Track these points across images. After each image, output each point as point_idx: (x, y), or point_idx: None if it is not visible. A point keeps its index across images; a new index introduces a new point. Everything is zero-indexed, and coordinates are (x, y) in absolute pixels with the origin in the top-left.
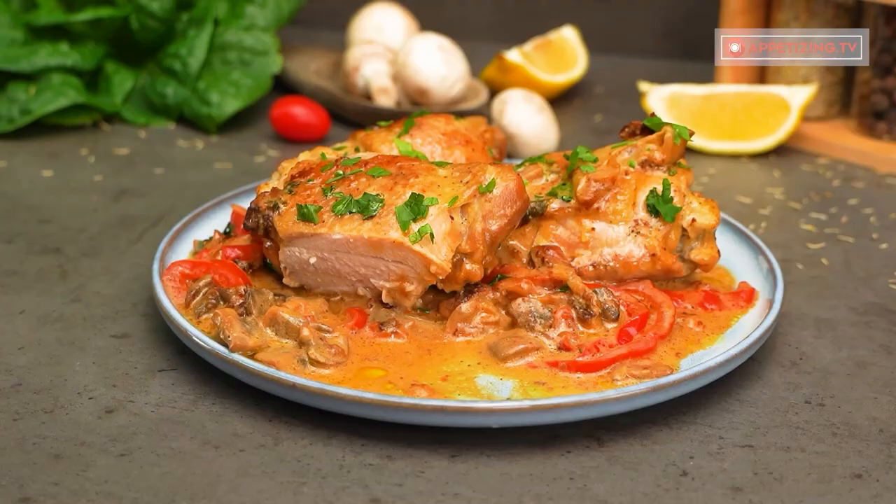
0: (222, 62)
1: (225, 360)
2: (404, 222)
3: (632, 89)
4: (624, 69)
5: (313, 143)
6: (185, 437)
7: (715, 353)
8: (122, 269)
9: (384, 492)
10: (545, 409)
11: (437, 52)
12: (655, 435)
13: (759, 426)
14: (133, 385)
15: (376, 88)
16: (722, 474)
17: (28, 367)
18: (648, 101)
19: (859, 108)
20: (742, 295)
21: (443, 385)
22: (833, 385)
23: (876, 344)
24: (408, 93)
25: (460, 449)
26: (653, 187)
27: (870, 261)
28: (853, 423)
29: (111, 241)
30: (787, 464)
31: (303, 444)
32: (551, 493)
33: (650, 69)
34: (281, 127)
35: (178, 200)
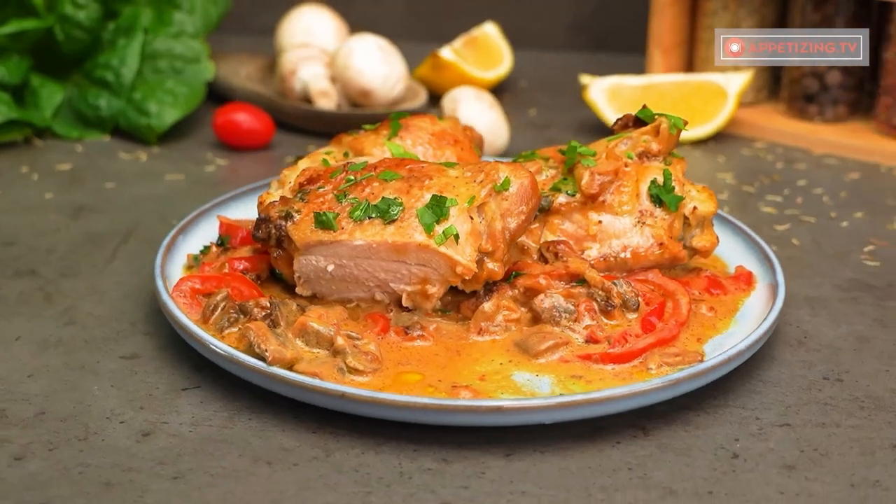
0: (153, 71)
1: (265, 375)
2: (428, 224)
3: (555, 83)
4: (540, 63)
5: (258, 150)
6: (233, 455)
7: (734, 336)
8: (106, 289)
9: (452, 495)
10: (598, 401)
11: (378, 53)
12: (695, 420)
13: (789, 405)
14: (160, 406)
15: (316, 91)
16: (771, 454)
17: (45, 395)
18: (590, 93)
19: (789, 92)
20: (742, 278)
21: (483, 385)
22: (843, 361)
23: (869, 319)
24: (349, 95)
25: (513, 447)
26: (653, 177)
27: (836, 239)
28: (875, 396)
29: (86, 260)
30: (828, 439)
31: (355, 453)
32: (615, 484)
33: (567, 63)
34: (225, 134)
35: (141, 215)
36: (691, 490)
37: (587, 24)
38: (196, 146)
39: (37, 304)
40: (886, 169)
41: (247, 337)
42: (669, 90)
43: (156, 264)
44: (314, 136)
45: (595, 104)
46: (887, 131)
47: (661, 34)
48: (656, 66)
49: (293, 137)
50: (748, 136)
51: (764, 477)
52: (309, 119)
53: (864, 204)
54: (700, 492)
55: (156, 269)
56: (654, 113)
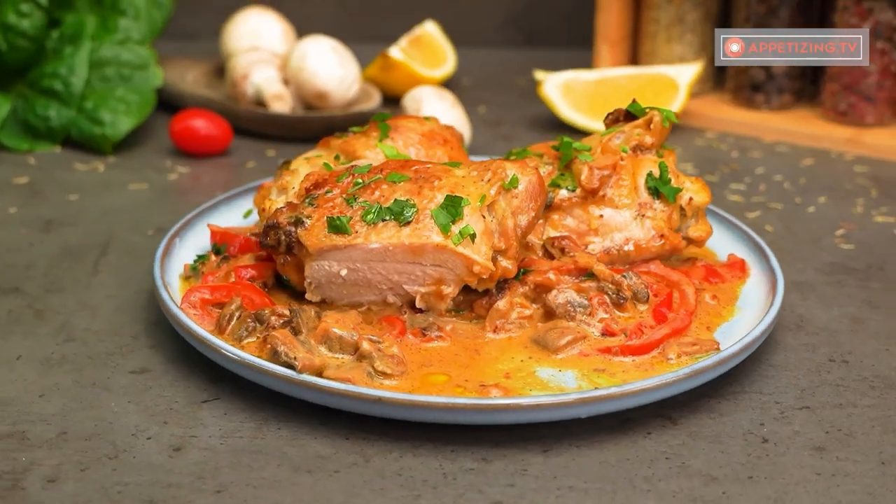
0: (101, 79)
1: (296, 383)
2: (444, 225)
3: (497, 80)
4: (478, 61)
5: (216, 157)
6: (272, 466)
7: (741, 323)
8: (96, 303)
9: (501, 493)
10: (633, 393)
11: (332, 55)
12: (718, 407)
13: (803, 388)
14: (184, 420)
15: (271, 95)
16: (798, 437)
17: (63, 414)
18: (544, 89)
19: (735, 82)
20: (736, 266)
21: (510, 383)
22: (844, 342)
23: (858, 300)
24: (304, 97)
25: (549, 443)
26: (649, 170)
27: (806, 224)
28: (883, 375)
29: (68, 275)
30: (848, 420)
31: (393, 457)
32: (656, 473)
33: (502, 59)
34: (182, 141)
35: (113, 226)
36: (731, 476)
37: (518, 20)
38: (153, 154)
39: (28, 321)
40: (837, 154)
41: (272, 346)
42: (622, 83)
43: (155, 276)
44: (270, 140)
45: (550, 99)
46: (834, 117)
47: (608, 28)
48: (603, 59)
49: (250, 142)
50: (699, 126)
51: (797, 459)
52: (264, 123)
53: (825, 189)
54: (740, 477)
55: (157, 281)
56: (645, 107)
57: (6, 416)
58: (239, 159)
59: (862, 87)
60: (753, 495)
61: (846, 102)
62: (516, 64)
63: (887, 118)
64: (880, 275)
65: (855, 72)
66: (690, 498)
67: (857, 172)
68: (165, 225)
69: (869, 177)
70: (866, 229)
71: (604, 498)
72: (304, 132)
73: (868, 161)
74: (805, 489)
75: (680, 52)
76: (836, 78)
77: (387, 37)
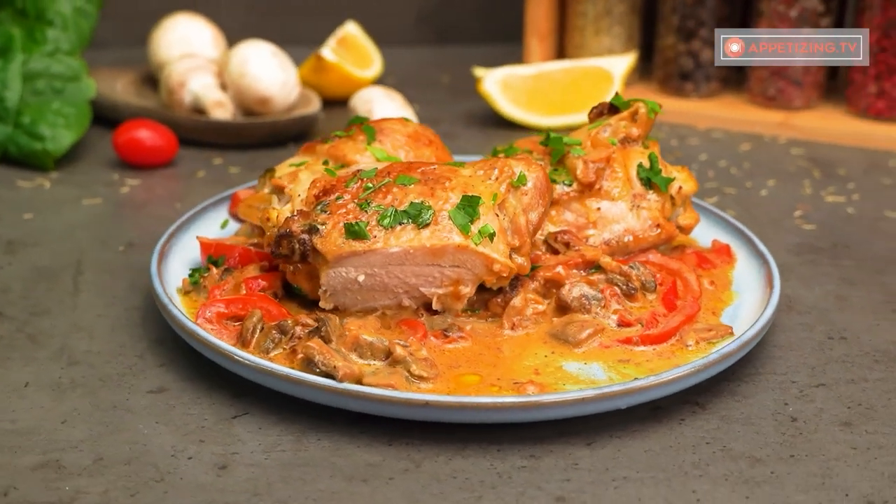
0: (32, 93)
1: (338, 393)
2: (463, 225)
3: (420, 78)
4: (394, 59)
5: (163, 167)
6: (324, 477)
7: (745, 306)
8: (88, 324)
9: (560, 489)
10: (672, 381)
11: (273, 59)
12: (739, 390)
13: (812, 366)
14: (220, 437)
15: (211, 102)
16: (824, 414)
17: (93, 440)
18: (484, 85)
19: (664, 71)
20: (723, 252)
21: (541, 379)
22: (836, 320)
23: (835, 279)
24: (245, 103)
25: (590, 436)
26: (639, 161)
27: (764, 207)
28: (882, 350)
29: (49, 297)
30: (864, 394)
31: (442, 460)
32: (704, 458)
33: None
34: (127, 153)
35: (79, 243)
36: (774, 456)
37: (430, 18)
38: (97, 168)
39: (24, 346)
40: (770, 138)
41: (308, 356)
42: (559, 77)
43: (159, 293)
44: (213, 148)
45: (490, 95)
46: (763, 102)
47: (537, 22)
48: (534, 53)
49: (193, 151)
50: None
51: (830, 436)
52: (206, 131)
53: (770, 173)
54: (782, 456)
55: (162, 298)
56: (629, 99)
57: (34, 446)
58: (187, 169)
59: (790, 72)
60: (800, 473)
61: (775, 87)
62: (434, 61)
63: (814, 101)
64: (848, 252)
65: None
66: (742, 480)
67: (795, 155)
68: (134, 240)
69: (807, 158)
70: (821, 210)
71: (660, 486)
72: (249, 138)
73: (801, 143)
74: (846, 464)
75: (608, 44)
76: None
77: (297, 39)
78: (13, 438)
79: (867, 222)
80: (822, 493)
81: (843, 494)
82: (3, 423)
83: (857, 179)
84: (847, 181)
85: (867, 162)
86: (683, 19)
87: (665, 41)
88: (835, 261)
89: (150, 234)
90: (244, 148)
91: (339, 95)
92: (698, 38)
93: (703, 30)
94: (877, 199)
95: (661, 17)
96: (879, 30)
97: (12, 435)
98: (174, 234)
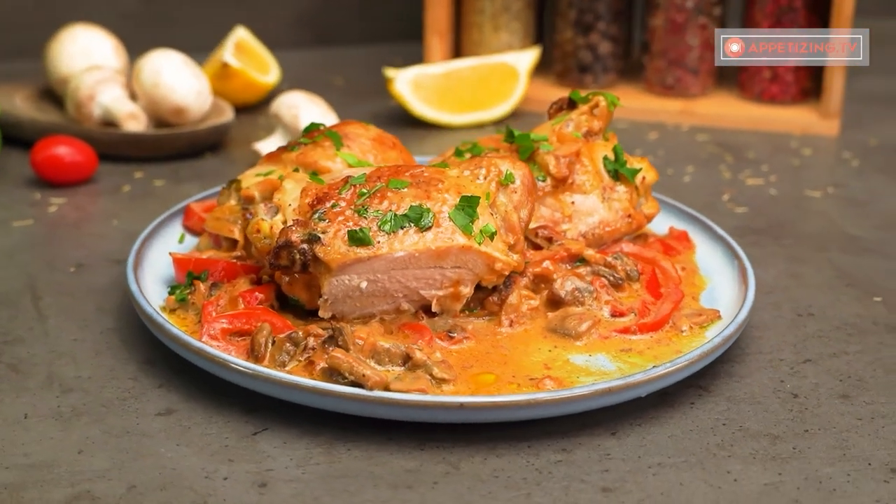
0: None
1: (370, 401)
2: (465, 226)
3: (312, 80)
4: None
5: (84, 184)
6: (368, 488)
7: (720, 289)
8: (67, 349)
9: (602, 479)
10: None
11: (186, 68)
12: (734, 371)
13: (793, 343)
14: (247, 454)
15: (124, 115)
16: (821, 388)
17: (118, 468)
18: (395, 86)
19: (563, 65)
20: (682, 238)
21: (553, 373)
22: (798, 297)
23: (782, 258)
24: (159, 114)
25: (612, 426)
26: (603, 154)
27: (692, 193)
28: (850, 323)
29: (17, 324)
30: (850, 366)
31: (479, 460)
32: (726, 439)
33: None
34: (46, 171)
35: (27, 268)
36: (790, 432)
37: (309, 20)
38: (15, 188)
39: (8, 377)
40: (673, 126)
41: (334, 366)
42: (468, 74)
43: (152, 314)
44: (130, 161)
45: (402, 96)
46: (661, 91)
47: (437, 21)
48: (435, 52)
49: (110, 166)
50: (538, 110)
51: (833, 408)
52: (121, 145)
53: (685, 159)
54: (797, 431)
55: (156, 318)
56: (588, 93)
57: (59, 479)
58: (110, 184)
59: (687, 61)
60: (820, 447)
61: (673, 76)
62: (319, 64)
63: (710, 88)
64: (785, 232)
65: (680, 47)
66: (769, 457)
67: (702, 141)
68: (82, 260)
69: (714, 144)
70: (745, 193)
71: (695, 469)
72: (167, 150)
73: (705, 129)
74: (858, 434)
75: (507, 39)
76: (661, 54)
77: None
78: (34, 473)
79: (792, 202)
80: (847, 464)
81: (866, 464)
82: (15, 457)
83: (768, 162)
84: (759, 164)
85: (770, 145)
86: (581, 13)
87: (563, 35)
88: (777, 241)
89: (98, 254)
90: (161, 160)
91: (241, 102)
92: (596, 31)
93: (600, 23)
94: (792, 179)
95: (559, 11)
96: (772, 17)
97: (31, 469)
98: (140, 252)
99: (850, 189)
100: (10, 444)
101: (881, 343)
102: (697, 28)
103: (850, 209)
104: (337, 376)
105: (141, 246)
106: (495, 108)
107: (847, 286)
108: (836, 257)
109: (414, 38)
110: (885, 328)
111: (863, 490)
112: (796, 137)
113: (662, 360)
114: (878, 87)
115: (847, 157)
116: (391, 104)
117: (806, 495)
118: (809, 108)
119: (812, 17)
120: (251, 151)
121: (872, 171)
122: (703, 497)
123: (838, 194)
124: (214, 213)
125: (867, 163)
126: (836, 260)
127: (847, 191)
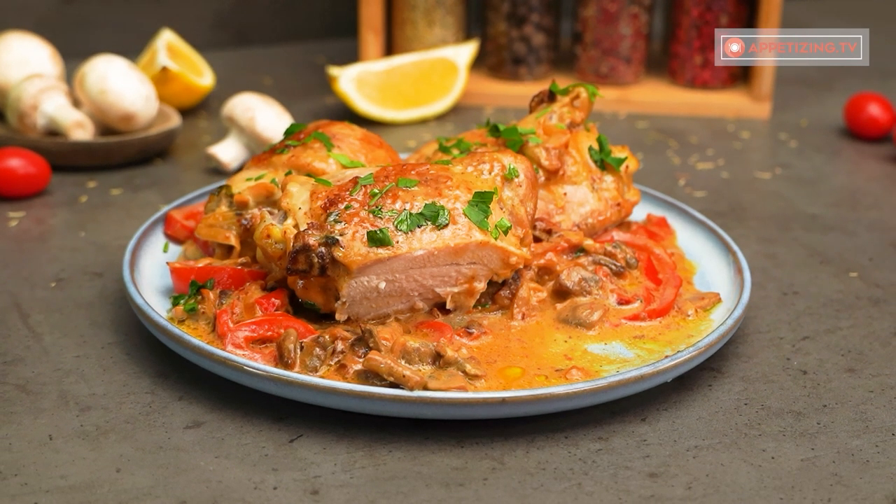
0: None
1: (414, 402)
2: (481, 222)
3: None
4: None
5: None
6: (420, 487)
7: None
8: (73, 367)
9: (646, 465)
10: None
11: (131, 73)
12: (740, 352)
13: (787, 321)
14: (289, 462)
15: (71, 123)
16: (826, 364)
17: (162, 485)
18: (340, 84)
19: (496, 58)
20: (662, 223)
21: (577, 363)
22: (780, 277)
23: (752, 240)
24: (107, 121)
25: (640, 412)
26: (588, 144)
27: (647, 179)
28: (836, 300)
29: (12, 344)
30: (847, 341)
31: (520, 454)
32: (752, 419)
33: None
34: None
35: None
36: (810, 408)
37: (227, 21)
38: None
39: (20, 399)
40: (611, 114)
41: (373, 369)
42: (409, 70)
43: (163, 325)
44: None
45: (346, 94)
46: (595, 80)
47: (372, 17)
48: (370, 49)
49: (60, 176)
50: (477, 104)
51: (843, 383)
52: (70, 154)
53: (632, 147)
54: (816, 407)
55: (172, 330)
56: (568, 85)
57: (105, 499)
58: (66, 195)
59: (620, 49)
60: (842, 420)
61: (607, 65)
62: (243, 65)
63: (642, 76)
64: (748, 214)
65: (613, 36)
66: (798, 433)
67: (643, 128)
68: (61, 275)
69: (655, 130)
70: (699, 177)
71: (731, 449)
72: (118, 158)
73: (642, 117)
74: (875, 406)
75: (441, 34)
76: (595, 44)
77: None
78: (76, 495)
79: (745, 184)
80: (872, 435)
81: (890, 434)
82: (52, 479)
83: (712, 146)
84: (704, 148)
85: (709, 129)
86: (514, 6)
87: (496, 28)
88: (742, 223)
89: (75, 268)
90: (111, 168)
91: (177, 106)
92: (530, 23)
93: (534, 14)
94: (739, 162)
95: (491, 5)
96: (702, 4)
97: (73, 491)
98: (132, 264)
99: (796, 169)
100: (43, 467)
101: (870, 317)
102: (630, 17)
103: (800, 188)
104: (374, 378)
105: (132, 258)
106: (437, 103)
107: (821, 263)
108: (802, 236)
109: (335, 36)
110: (869, 301)
111: (895, 460)
112: (731, 121)
113: (676, 344)
114: (792, 70)
115: (783, 138)
116: (329, 102)
117: (843, 468)
118: (740, 93)
119: (740, 6)
120: (204, 156)
121: (811, 150)
122: (748, 476)
123: (786, 175)
124: (206, 220)
125: (804, 143)
126: (803, 238)
127: (794, 171)
